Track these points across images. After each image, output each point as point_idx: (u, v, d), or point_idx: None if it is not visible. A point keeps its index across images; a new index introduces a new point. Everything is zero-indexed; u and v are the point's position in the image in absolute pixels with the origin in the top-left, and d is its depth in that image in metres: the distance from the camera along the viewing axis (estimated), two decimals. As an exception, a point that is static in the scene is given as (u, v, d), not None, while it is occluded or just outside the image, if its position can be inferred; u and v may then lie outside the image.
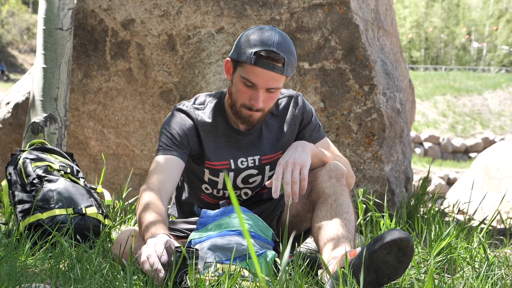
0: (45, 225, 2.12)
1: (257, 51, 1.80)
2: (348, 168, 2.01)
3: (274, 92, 1.89)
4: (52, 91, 2.72)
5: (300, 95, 2.12)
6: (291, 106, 2.08)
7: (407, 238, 1.50)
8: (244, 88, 1.87)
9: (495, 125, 20.21)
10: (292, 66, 1.88)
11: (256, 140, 2.04)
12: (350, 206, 1.82)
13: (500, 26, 44.45)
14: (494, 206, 3.89)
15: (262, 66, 1.81)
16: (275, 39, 1.82)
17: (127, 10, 3.06)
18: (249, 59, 1.82)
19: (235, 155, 2.02)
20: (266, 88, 1.86)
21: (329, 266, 1.62)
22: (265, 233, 1.82)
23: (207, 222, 1.82)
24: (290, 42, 1.88)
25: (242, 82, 1.87)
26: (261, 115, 1.93)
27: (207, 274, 1.59)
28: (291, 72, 1.89)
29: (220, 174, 2.02)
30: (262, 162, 2.04)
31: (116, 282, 1.58)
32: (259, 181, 2.08)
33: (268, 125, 2.05)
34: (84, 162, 3.21)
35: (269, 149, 2.04)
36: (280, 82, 1.88)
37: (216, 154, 2.00)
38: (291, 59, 1.85)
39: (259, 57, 1.81)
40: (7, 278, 1.53)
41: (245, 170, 2.03)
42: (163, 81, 3.05)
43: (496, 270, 1.89)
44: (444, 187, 11.52)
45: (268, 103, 1.91)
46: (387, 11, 3.64)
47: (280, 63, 1.82)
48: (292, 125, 2.07)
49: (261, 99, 1.87)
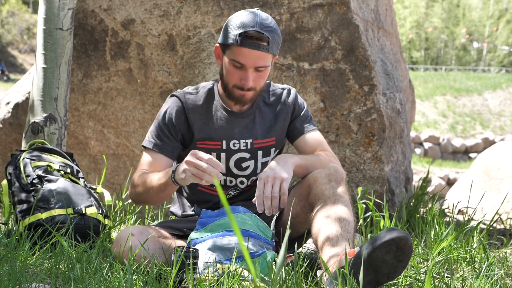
0: (45, 224, 2.12)
1: (241, 32, 1.90)
2: (337, 163, 2.07)
3: (263, 71, 1.97)
4: (52, 91, 2.72)
5: (293, 89, 2.21)
6: (284, 96, 2.16)
7: (406, 237, 1.50)
8: (234, 69, 1.97)
9: (495, 125, 20.21)
10: (277, 44, 1.97)
11: (250, 124, 2.10)
12: (349, 207, 1.83)
13: (500, 27, 44.43)
14: (494, 206, 3.89)
15: (248, 46, 1.91)
16: (258, 20, 1.92)
17: (127, 10, 3.07)
18: (235, 41, 1.91)
19: (228, 137, 2.08)
20: (254, 67, 1.94)
21: (329, 266, 1.62)
22: (265, 233, 1.82)
23: (207, 222, 1.82)
24: (273, 22, 1.97)
25: (231, 64, 1.96)
26: (253, 94, 2.01)
27: (207, 274, 1.59)
28: (276, 50, 1.98)
29: (212, 154, 2.06)
30: (254, 146, 2.10)
31: (116, 282, 1.58)
32: (253, 167, 2.11)
33: (261, 111, 2.13)
34: (84, 162, 3.21)
35: (261, 134, 2.11)
36: (268, 61, 1.96)
37: (208, 134, 2.07)
38: (275, 37, 1.94)
39: (244, 37, 1.90)
40: (7, 278, 1.54)
41: (237, 152, 2.08)
42: (163, 81, 3.06)
43: (496, 270, 1.89)
44: (444, 188, 11.50)
45: (259, 82, 1.99)
46: (387, 11, 3.64)
47: (265, 41, 1.91)
48: (284, 114, 2.14)
49: (251, 78, 1.96)
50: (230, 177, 2.12)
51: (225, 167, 2.08)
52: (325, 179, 1.90)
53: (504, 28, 43.99)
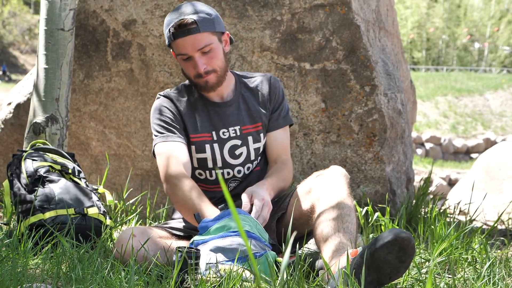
0: (47, 224, 2.12)
1: (170, 28, 2.00)
2: (290, 168, 2.17)
3: (210, 50, 2.01)
4: (54, 92, 2.72)
5: (274, 77, 2.24)
6: (264, 83, 2.20)
7: (408, 238, 1.50)
8: (185, 63, 2.03)
9: (496, 125, 20.20)
10: (208, 20, 2.00)
11: (235, 111, 2.14)
12: (351, 208, 1.83)
13: (501, 27, 44.39)
14: (496, 207, 3.89)
15: (179, 36, 1.98)
16: (180, 10, 2.01)
17: (129, 11, 3.07)
18: (170, 38, 2.01)
19: (216, 127, 2.11)
20: (196, 50, 1.99)
21: (330, 267, 1.62)
22: (262, 235, 1.82)
23: (208, 226, 1.82)
24: (199, 4, 2.04)
25: (180, 59, 2.04)
26: (216, 75, 2.05)
27: (208, 275, 1.59)
28: (211, 26, 2.01)
29: (205, 146, 2.10)
30: (243, 132, 2.13)
31: (117, 282, 1.58)
32: (246, 154, 2.14)
33: (244, 98, 2.17)
34: (86, 162, 3.21)
35: (248, 119, 2.15)
36: (207, 39, 2.00)
37: (198, 127, 2.10)
38: (201, 16, 1.99)
39: (173, 31, 1.98)
40: (8, 278, 1.54)
41: (228, 140, 2.11)
42: (165, 81, 3.06)
43: (497, 271, 1.89)
44: (445, 188, 11.50)
45: (212, 62, 2.02)
46: (388, 11, 3.64)
47: (192, 24, 1.97)
48: (265, 100, 2.18)
49: (201, 62, 2.00)
50: (227, 168, 2.13)
51: (221, 160, 2.11)
52: (327, 180, 1.91)
53: (505, 29, 43.96)
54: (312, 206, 1.92)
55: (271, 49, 2.96)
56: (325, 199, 1.86)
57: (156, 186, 3.11)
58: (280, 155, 2.19)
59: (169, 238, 2.02)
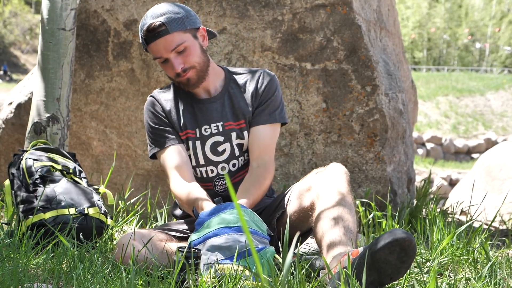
0: (48, 224, 2.12)
1: (141, 34, 2.01)
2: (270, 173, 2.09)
3: (186, 49, 2.00)
4: (55, 92, 2.72)
5: (269, 73, 2.17)
6: (253, 79, 2.15)
7: (409, 238, 1.50)
8: (163, 65, 2.04)
9: (497, 126, 20.19)
10: (177, 19, 1.99)
11: (219, 108, 2.12)
12: (352, 207, 1.82)
13: (502, 27, 44.36)
14: (497, 207, 3.89)
15: (151, 40, 1.99)
16: (149, 14, 2.01)
17: (130, 11, 3.07)
18: (144, 44, 2.02)
19: (199, 123, 2.11)
20: (170, 52, 1.99)
21: (331, 267, 1.62)
22: (260, 227, 1.82)
23: (203, 221, 1.82)
24: (167, 4, 2.02)
25: (158, 62, 2.05)
26: (196, 71, 2.04)
27: (207, 276, 1.59)
28: (181, 25, 2.00)
29: (189, 143, 2.11)
30: (226, 128, 2.10)
31: (118, 282, 1.58)
32: (229, 150, 2.11)
33: (230, 94, 2.14)
34: (87, 162, 3.22)
35: (232, 116, 2.12)
36: (179, 38, 1.99)
37: (184, 125, 2.11)
38: (169, 16, 1.98)
39: (145, 37, 1.99)
40: (9, 278, 1.54)
41: (210, 137, 2.10)
42: (166, 81, 3.06)
43: (498, 271, 1.89)
44: (446, 188, 11.50)
45: (188, 59, 2.02)
46: (389, 11, 3.64)
47: (161, 27, 1.96)
48: (251, 97, 2.13)
49: (177, 62, 2.00)
50: (210, 166, 2.11)
51: (202, 157, 2.11)
52: (327, 178, 1.90)
53: (507, 29, 43.92)
54: (312, 203, 1.92)
55: (272, 49, 2.96)
56: (325, 197, 1.85)
57: (157, 185, 3.11)
58: (262, 155, 2.08)
59: (169, 240, 2.02)
